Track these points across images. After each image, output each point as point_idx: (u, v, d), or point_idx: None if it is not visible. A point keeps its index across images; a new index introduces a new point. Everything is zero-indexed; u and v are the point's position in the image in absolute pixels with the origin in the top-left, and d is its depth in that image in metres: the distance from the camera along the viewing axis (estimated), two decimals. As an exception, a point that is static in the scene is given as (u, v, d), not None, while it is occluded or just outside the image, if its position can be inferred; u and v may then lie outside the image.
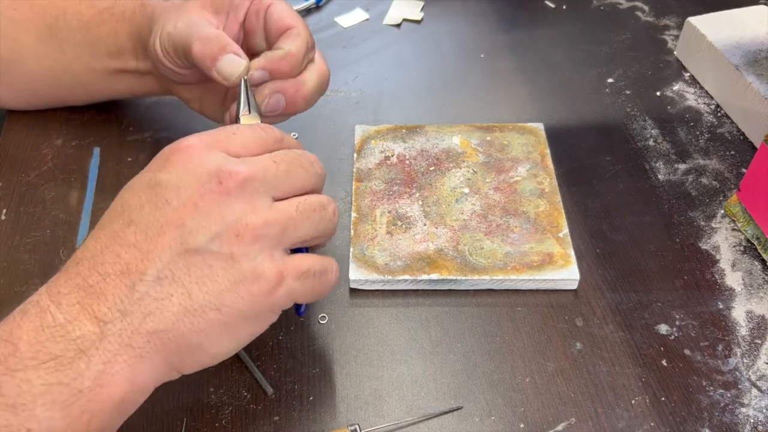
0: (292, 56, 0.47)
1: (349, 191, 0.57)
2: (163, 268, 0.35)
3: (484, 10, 0.77)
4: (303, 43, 0.48)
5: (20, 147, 0.61)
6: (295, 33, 0.48)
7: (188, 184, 0.36)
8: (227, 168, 0.37)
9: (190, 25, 0.47)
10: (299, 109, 0.49)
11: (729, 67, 0.62)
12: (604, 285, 0.51)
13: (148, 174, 0.38)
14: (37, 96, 0.62)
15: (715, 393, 0.45)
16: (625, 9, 0.76)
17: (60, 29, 0.56)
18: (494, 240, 0.52)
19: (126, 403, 0.35)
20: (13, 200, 0.57)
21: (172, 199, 0.36)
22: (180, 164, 0.37)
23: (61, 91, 0.61)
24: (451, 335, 0.48)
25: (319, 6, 0.77)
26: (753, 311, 0.49)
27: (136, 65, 0.56)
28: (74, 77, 0.59)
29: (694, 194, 0.57)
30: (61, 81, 0.59)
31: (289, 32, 0.48)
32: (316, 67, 0.49)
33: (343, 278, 0.52)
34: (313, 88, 0.49)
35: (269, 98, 0.47)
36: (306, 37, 0.48)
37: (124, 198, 0.38)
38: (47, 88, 0.60)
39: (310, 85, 0.48)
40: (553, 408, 0.44)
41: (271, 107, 0.47)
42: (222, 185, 0.36)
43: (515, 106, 0.66)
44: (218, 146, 0.38)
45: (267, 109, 0.47)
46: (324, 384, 0.46)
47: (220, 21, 0.49)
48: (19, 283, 0.51)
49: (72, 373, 0.33)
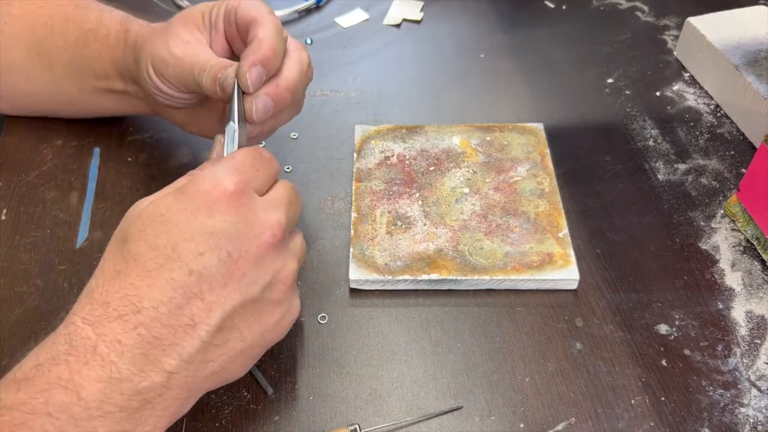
0: (265, 40, 0.44)
1: (349, 191, 0.57)
2: (225, 318, 0.37)
3: (484, 10, 0.77)
4: (270, 29, 0.45)
5: (20, 147, 0.61)
6: (260, 23, 0.46)
7: (245, 235, 0.38)
8: (275, 219, 0.39)
9: (189, 52, 0.47)
10: (287, 104, 0.47)
11: (729, 67, 0.62)
12: (604, 285, 0.51)
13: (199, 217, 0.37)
14: (31, 109, 0.62)
15: (714, 393, 0.45)
16: (625, 9, 0.76)
17: (48, 48, 0.56)
18: (494, 240, 0.52)
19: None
20: (13, 200, 0.57)
21: (232, 250, 0.37)
22: (231, 212, 0.37)
23: (52, 106, 0.61)
24: (451, 335, 0.48)
25: (319, 6, 0.77)
26: (753, 311, 0.49)
27: (123, 87, 0.55)
28: (64, 95, 0.58)
29: (693, 194, 0.57)
30: (52, 98, 0.59)
31: (253, 24, 0.46)
32: (293, 58, 0.47)
33: (343, 278, 0.52)
34: (295, 78, 0.47)
35: (256, 103, 0.45)
36: (272, 23, 0.46)
37: (173, 241, 0.36)
38: (37, 103, 0.60)
39: (291, 76, 0.46)
40: (553, 408, 0.45)
41: (261, 111, 0.45)
42: (274, 236, 0.39)
43: (515, 106, 0.66)
44: (252, 186, 0.40)
45: (259, 114, 0.45)
46: (324, 384, 0.46)
47: (205, 36, 0.48)
48: (19, 283, 0.51)
49: (135, 421, 0.35)
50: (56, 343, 0.34)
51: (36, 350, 0.35)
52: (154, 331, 0.35)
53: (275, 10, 0.74)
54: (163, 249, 0.36)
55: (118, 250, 0.37)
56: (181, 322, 0.36)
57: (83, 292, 0.37)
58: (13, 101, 0.60)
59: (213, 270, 0.36)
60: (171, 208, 0.37)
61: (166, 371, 0.35)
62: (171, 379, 0.35)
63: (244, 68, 0.43)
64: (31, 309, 0.50)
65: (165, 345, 0.35)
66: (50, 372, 0.33)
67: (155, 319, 0.35)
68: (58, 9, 0.56)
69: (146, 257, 0.36)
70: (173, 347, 0.35)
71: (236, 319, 0.38)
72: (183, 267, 0.36)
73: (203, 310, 0.36)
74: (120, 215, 0.55)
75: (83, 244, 0.54)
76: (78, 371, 0.33)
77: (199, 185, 0.38)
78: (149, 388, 0.35)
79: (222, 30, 0.48)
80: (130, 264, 0.36)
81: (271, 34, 0.45)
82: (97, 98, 0.58)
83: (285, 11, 0.75)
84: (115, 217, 0.55)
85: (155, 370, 0.35)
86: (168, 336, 0.35)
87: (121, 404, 0.34)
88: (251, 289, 0.38)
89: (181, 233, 0.36)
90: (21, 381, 0.33)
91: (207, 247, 0.36)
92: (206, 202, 0.37)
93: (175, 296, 0.35)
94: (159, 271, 0.36)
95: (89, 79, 0.56)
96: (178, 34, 0.47)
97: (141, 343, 0.35)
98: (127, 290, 0.35)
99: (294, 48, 0.48)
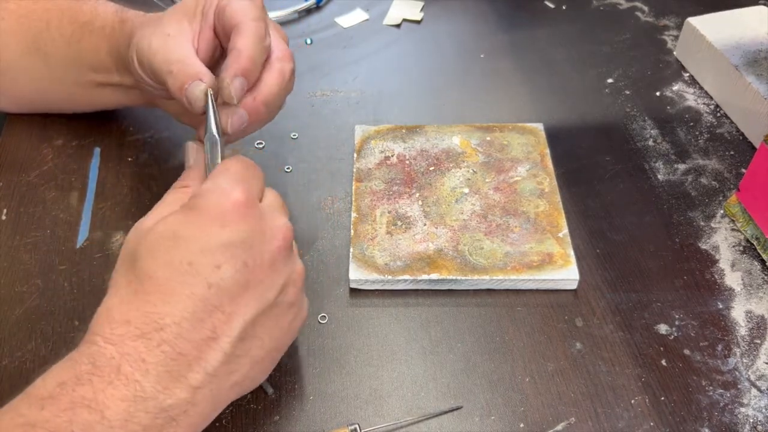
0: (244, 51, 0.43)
1: (349, 191, 0.57)
2: (246, 327, 0.37)
3: (484, 10, 0.77)
4: (250, 39, 0.44)
5: (21, 147, 0.61)
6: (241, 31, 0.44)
7: (258, 242, 0.38)
8: (283, 224, 0.40)
9: (164, 47, 0.45)
10: (262, 118, 0.46)
11: (729, 68, 0.62)
12: (604, 285, 0.51)
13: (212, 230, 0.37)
14: (31, 105, 0.62)
15: (714, 393, 0.45)
16: (625, 9, 0.76)
17: (44, 43, 0.56)
18: (494, 240, 0.52)
19: None
20: (13, 200, 0.57)
21: (247, 259, 0.37)
22: (243, 221, 0.38)
23: (50, 101, 0.61)
24: (451, 335, 0.48)
25: (319, 6, 0.77)
26: (752, 311, 0.49)
27: (120, 80, 0.55)
28: (61, 90, 0.58)
29: (693, 194, 0.57)
30: (50, 93, 0.59)
31: (234, 31, 0.44)
32: (274, 68, 0.46)
33: (343, 278, 0.52)
34: (274, 92, 0.46)
35: (231, 117, 0.44)
36: (253, 33, 0.44)
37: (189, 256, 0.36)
38: (37, 98, 0.60)
39: (269, 90, 0.45)
40: (553, 408, 0.45)
41: (236, 125, 0.44)
42: (285, 241, 0.39)
43: (515, 106, 0.66)
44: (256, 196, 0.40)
45: (233, 128, 0.44)
46: (324, 384, 0.46)
47: (194, 28, 0.47)
48: (20, 283, 0.51)
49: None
50: (79, 363, 0.34)
51: (57, 368, 0.35)
52: (178, 348, 0.35)
53: (275, 10, 0.75)
54: (179, 265, 0.36)
55: (131, 270, 0.37)
56: (204, 335, 0.36)
57: (99, 312, 0.36)
58: (12, 98, 0.60)
59: (231, 281, 0.36)
60: (182, 224, 0.37)
61: (192, 386, 0.35)
62: (196, 394, 0.35)
63: (227, 80, 0.43)
64: (31, 309, 0.50)
65: (189, 360, 0.35)
66: (74, 391, 0.33)
67: (178, 336, 0.35)
68: (53, 3, 0.56)
69: (162, 274, 0.36)
70: (197, 362, 0.35)
71: (256, 327, 0.38)
72: (202, 281, 0.36)
73: (224, 321, 0.36)
74: (120, 215, 0.55)
75: (83, 244, 0.54)
76: (102, 391, 0.33)
77: (206, 199, 0.38)
78: (174, 405, 0.35)
79: (212, 22, 0.47)
80: (146, 282, 0.36)
81: (250, 44, 0.43)
82: (95, 92, 0.57)
83: (285, 11, 0.75)
84: (115, 217, 0.55)
85: (180, 386, 0.35)
86: (192, 351, 0.35)
87: (146, 423, 0.34)
88: (268, 295, 0.38)
89: (196, 248, 0.36)
90: (45, 399, 0.33)
91: (223, 258, 0.36)
92: (217, 215, 0.37)
93: (196, 311, 0.35)
94: (178, 287, 0.35)
95: (87, 73, 0.56)
96: (164, 25, 0.46)
97: (165, 361, 0.34)
98: (147, 308, 0.35)
99: (277, 57, 0.46)
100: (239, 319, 0.37)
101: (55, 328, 0.49)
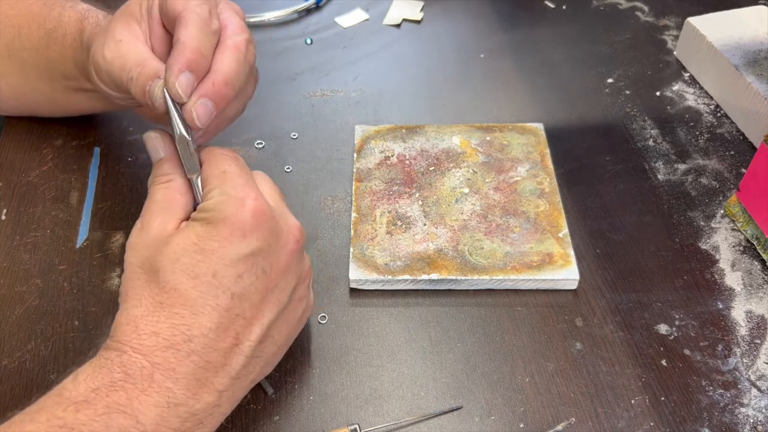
0: (187, 42, 0.41)
1: (349, 191, 0.57)
2: (265, 330, 0.39)
3: (484, 10, 0.77)
4: (193, 27, 0.41)
5: (20, 147, 0.61)
6: (182, 21, 0.41)
7: (275, 247, 0.39)
8: (294, 224, 0.41)
9: (118, 55, 0.43)
10: (230, 98, 0.43)
11: (729, 68, 0.62)
12: (604, 285, 0.51)
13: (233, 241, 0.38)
14: (15, 109, 0.61)
15: (714, 393, 0.45)
16: (625, 9, 0.76)
17: (17, 50, 0.55)
18: (494, 240, 0.52)
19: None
20: (13, 200, 0.57)
21: (265, 266, 0.39)
22: (261, 228, 0.39)
23: (34, 106, 0.60)
24: (451, 335, 0.48)
25: (319, 6, 0.77)
26: (753, 311, 0.49)
27: (93, 86, 0.50)
28: (41, 96, 0.57)
29: (693, 194, 0.57)
30: (31, 99, 0.59)
31: (177, 23, 0.42)
32: (227, 46, 0.43)
33: (343, 278, 0.52)
34: (233, 68, 0.42)
35: (195, 110, 0.41)
36: (195, 20, 0.41)
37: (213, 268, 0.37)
38: (20, 105, 0.60)
39: (226, 69, 0.42)
40: (553, 408, 0.45)
41: (203, 116, 0.41)
42: (298, 243, 0.41)
43: (515, 106, 0.66)
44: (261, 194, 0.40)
45: (201, 120, 0.41)
46: (324, 384, 0.46)
47: (144, 29, 0.44)
48: (20, 283, 0.51)
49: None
50: (112, 371, 0.35)
51: (86, 373, 0.36)
52: (206, 357, 0.37)
53: (275, 10, 0.75)
54: (204, 277, 0.37)
55: (154, 281, 0.38)
56: (228, 343, 0.38)
57: (121, 321, 0.37)
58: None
59: (251, 289, 0.38)
60: (203, 237, 0.38)
61: (218, 390, 0.37)
62: (221, 397, 0.38)
63: (171, 79, 0.40)
64: (31, 309, 0.50)
65: (216, 367, 0.37)
66: (108, 397, 0.35)
67: (206, 346, 0.37)
68: (26, 9, 0.55)
69: (187, 286, 0.37)
70: (223, 368, 0.37)
71: (272, 329, 0.40)
72: (226, 292, 0.37)
73: (245, 327, 0.38)
74: (120, 215, 0.55)
75: (83, 244, 0.54)
76: (136, 398, 0.35)
77: (223, 211, 0.38)
78: (203, 409, 0.37)
79: (158, 19, 0.44)
80: (172, 294, 0.37)
81: (193, 33, 0.41)
82: (73, 97, 0.56)
83: (285, 11, 0.75)
84: (115, 217, 0.55)
85: (208, 391, 0.37)
86: (218, 359, 0.37)
87: (176, 426, 0.36)
88: (282, 297, 0.40)
89: (219, 259, 0.37)
90: (80, 403, 0.34)
91: (244, 268, 0.38)
92: (237, 225, 0.38)
93: (222, 321, 0.37)
94: (203, 299, 0.37)
95: (59, 80, 0.55)
96: (114, 32, 0.44)
97: (195, 370, 0.36)
98: (174, 320, 0.36)
99: (229, 34, 0.43)
100: (259, 324, 0.39)
101: (55, 328, 0.49)
